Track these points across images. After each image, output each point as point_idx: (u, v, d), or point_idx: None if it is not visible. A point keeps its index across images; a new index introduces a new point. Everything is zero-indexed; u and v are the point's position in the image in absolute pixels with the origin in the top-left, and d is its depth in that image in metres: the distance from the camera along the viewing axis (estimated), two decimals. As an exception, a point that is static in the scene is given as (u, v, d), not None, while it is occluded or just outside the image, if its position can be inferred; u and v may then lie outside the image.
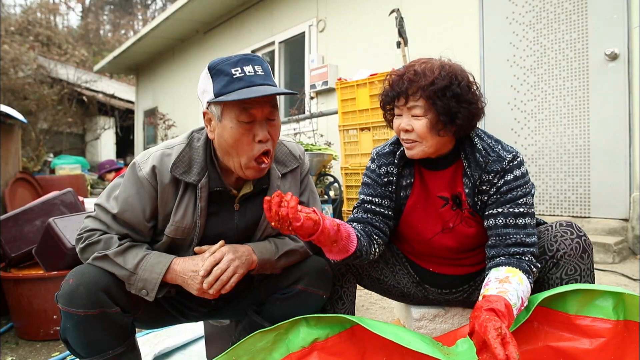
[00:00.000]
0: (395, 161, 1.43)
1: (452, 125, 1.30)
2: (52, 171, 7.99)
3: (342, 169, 3.70)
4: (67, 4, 22.74)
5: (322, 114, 4.68)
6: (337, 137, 3.83)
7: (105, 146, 13.12)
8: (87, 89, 12.23)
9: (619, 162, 3.11)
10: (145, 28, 8.80)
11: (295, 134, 4.80)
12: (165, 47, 9.25)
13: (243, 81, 1.22)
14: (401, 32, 3.51)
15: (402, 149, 1.41)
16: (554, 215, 3.40)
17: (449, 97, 1.27)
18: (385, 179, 1.45)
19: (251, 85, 1.22)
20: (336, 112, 3.87)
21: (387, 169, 1.45)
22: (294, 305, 1.38)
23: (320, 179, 4.12)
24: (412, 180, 1.44)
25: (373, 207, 1.44)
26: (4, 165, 3.56)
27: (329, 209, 3.62)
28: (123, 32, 22.95)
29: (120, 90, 13.98)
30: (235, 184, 1.38)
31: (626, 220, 3.06)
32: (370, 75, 3.44)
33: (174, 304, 1.47)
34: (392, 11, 3.59)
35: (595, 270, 2.78)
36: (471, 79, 1.34)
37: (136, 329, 1.43)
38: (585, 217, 3.26)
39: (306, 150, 3.83)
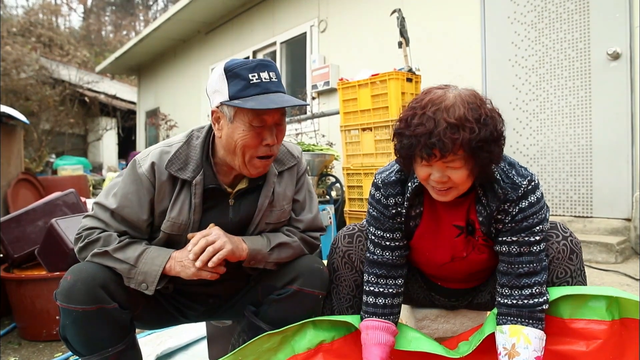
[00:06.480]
0: (408, 194, 1.33)
1: (489, 165, 1.21)
2: (55, 172, 8.01)
3: (343, 170, 3.69)
4: (69, 5, 22.79)
5: (323, 114, 4.68)
6: (339, 138, 3.83)
7: (108, 147, 13.11)
8: (89, 89, 12.23)
9: (621, 162, 3.10)
10: (146, 29, 8.80)
11: (297, 134, 4.80)
12: (166, 48, 9.26)
13: (259, 87, 1.26)
14: (402, 32, 3.51)
15: (414, 181, 1.31)
16: (556, 215, 3.40)
17: (491, 145, 1.16)
18: (394, 211, 1.36)
19: (267, 92, 1.26)
20: (338, 113, 3.86)
21: (395, 199, 1.35)
22: (291, 306, 1.39)
23: (322, 180, 4.11)
24: (422, 209, 1.37)
25: (387, 242, 1.39)
26: (7, 166, 3.57)
27: (330, 209, 3.62)
28: (125, 32, 22.97)
29: (122, 91, 13.97)
30: (232, 181, 1.42)
31: (629, 220, 3.05)
32: (372, 75, 3.43)
33: (172, 302, 1.48)
34: (394, 11, 3.58)
35: (597, 270, 2.77)
36: (498, 111, 1.22)
37: (137, 329, 1.43)
38: (587, 216, 3.25)
39: (308, 150, 3.82)
